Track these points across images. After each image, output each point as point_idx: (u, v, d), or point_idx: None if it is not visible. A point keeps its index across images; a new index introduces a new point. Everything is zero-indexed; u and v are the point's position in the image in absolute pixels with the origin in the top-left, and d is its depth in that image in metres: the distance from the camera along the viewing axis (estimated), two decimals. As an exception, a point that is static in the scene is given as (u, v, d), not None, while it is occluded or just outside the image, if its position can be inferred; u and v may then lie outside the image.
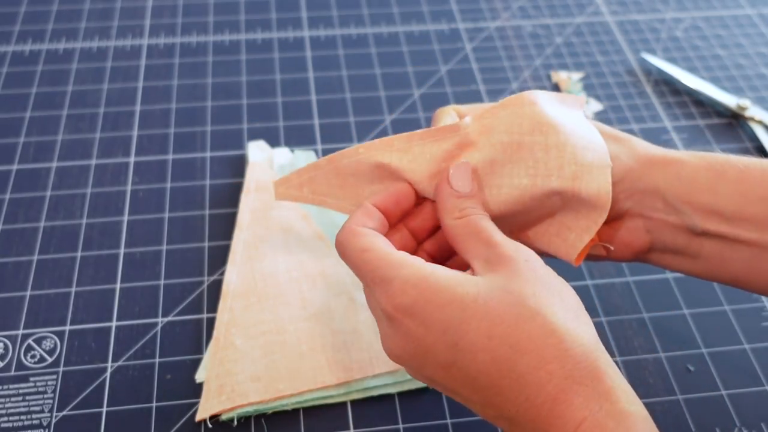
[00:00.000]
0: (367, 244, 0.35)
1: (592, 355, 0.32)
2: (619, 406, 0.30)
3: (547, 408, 0.31)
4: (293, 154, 0.59)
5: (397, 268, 0.34)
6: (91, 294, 0.50)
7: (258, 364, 0.45)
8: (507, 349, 0.31)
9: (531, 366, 0.31)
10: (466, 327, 0.32)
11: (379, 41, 0.71)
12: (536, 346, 0.31)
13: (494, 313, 0.32)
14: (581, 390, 0.31)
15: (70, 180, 0.57)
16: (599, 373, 0.31)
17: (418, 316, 0.33)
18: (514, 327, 0.32)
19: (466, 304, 0.32)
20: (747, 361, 0.48)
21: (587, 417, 0.30)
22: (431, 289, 0.33)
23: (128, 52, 0.69)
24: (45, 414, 0.44)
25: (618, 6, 0.77)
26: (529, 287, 0.33)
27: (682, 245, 0.39)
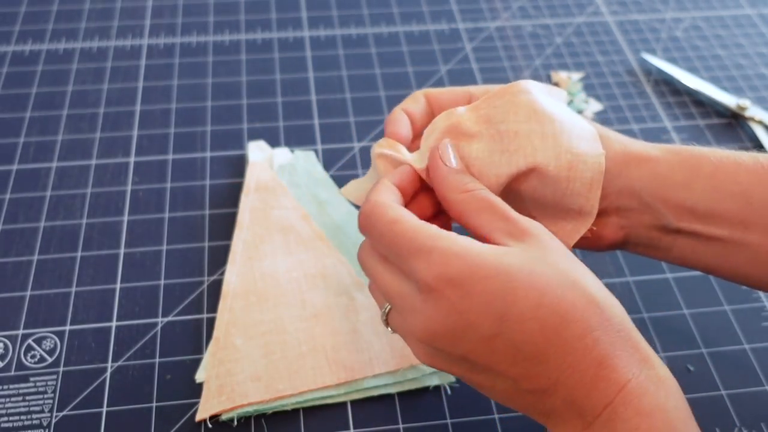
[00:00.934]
0: (397, 215, 0.35)
1: (628, 325, 0.33)
2: (657, 371, 0.32)
3: (592, 372, 0.32)
4: (293, 154, 0.59)
5: (435, 239, 0.33)
6: (91, 294, 0.50)
7: (258, 364, 0.45)
8: (555, 317, 0.32)
9: (578, 333, 0.32)
10: (512, 297, 0.32)
11: (379, 41, 0.71)
12: (582, 314, 0.32)
13: (541, 283, 0.32)
14: (624, 355, 0.32)
15: (70, 180, 0.57)
16: (635, 342, 0.33)
17: (463, 287, 0.32)
18: (561, 297, 0.32)
19: (512, 274, 0.32)
20: (747, 361, 0.48)
21: (630, 379, 0.31)
22: (476, 260, 0.32)
23: (128, 52, 0.69)
24: (45, 414, 0.44)
25: (618, 6, 0.77)
26: (563, 260, 0.34)
27: (655, 240, 0.40)
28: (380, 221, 0.35)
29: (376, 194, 0.36)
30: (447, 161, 0.37)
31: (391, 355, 0.46)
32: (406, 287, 0.34)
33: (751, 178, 0.37)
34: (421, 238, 0.33)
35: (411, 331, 0.34)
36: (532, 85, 0.39)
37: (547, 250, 0.34)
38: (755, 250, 0.37)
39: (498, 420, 0.44)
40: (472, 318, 0.32)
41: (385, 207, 0.35)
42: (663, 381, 0.32)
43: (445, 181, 0.37)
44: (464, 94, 0.42)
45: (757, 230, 0.37)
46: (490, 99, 0.39)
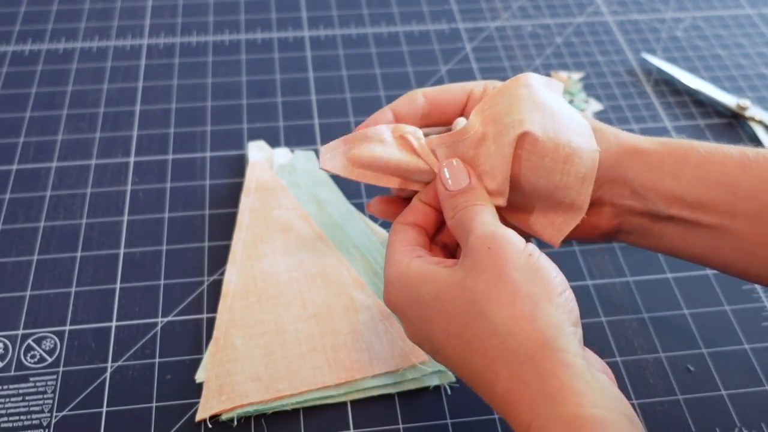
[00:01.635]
0: (390, 239, 0.39)
1: (538, 355, 0.30)
2: (566, 408, 0.29)
3: (501, 408, 0.32)
4: (293, 154, 0.59)
5: (389, 269, 0.37)
6: (91, 294, 0.50)
7: (258, 364, 0.45)
8: (462, 347, 0.33)
9: (480, 365, 0.32)
10: (430, 324, 0.35)
11: (379, 41, 0.71)
12: (482, 345, 0.32)
13: (450, 311, 0.33)
14: (527, 391, 0.30)
15: (70, 180, 0.57)
16: (546, 374, 0.30)
17: (401, 313, 0.37)
18: (464, 326, 0.33)
19: (427, 303, 0.35)
20: (747, 361, 0.48)
21: (533, 420, 0.30)
22: (404, 287, 0.36)
23: (128, 52, 0.69)
24: (45, 414, 0.44)
25: (618, 6, 0.77)
26: (482, 282, 0.33)
27: (646, 228, 0.41)
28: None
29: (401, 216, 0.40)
30: (447, 184, 0.38)
31: (391, 355, 0.46)
32: None
33: (737, 169, 0.38)
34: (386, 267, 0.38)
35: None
36: (533, 78, 0.39)
37: (472, 269, 0.34)
38: (741, 239, 0.38)
39: (498, 420, 0.44)
40: (415, 337, 0.37)
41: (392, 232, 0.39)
42: (573, 420, 0.29)
43: (443, 205, 0.39)
44: (462, 92, 0.42)
45: (743, 219, 0.38)
46: (492, 97, 0.39)
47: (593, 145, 0.38)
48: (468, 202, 0.37)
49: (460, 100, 0.42)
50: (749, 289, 0.52)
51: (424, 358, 0.46)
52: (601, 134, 0.40)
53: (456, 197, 0.38)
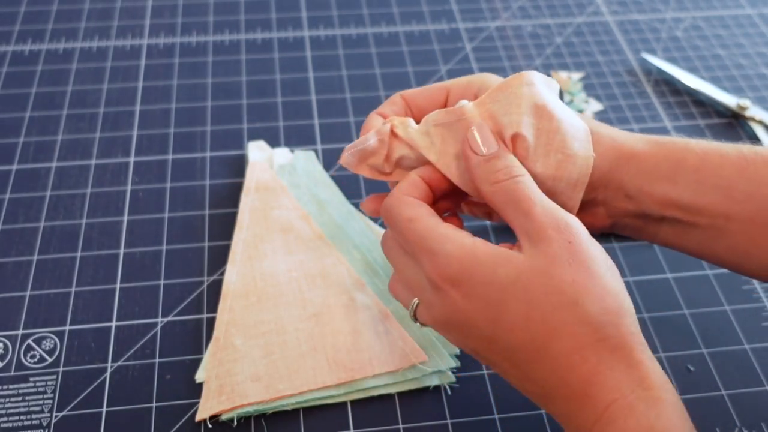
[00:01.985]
0: (413, 213, 0.36)
1: (628, 344, 0.33)
2: (652, 392, 0.32)
3: (580, 387, 0.32)
4: (293, 154, 0.59)
5: (442, 242, 0.35)
6: (91, 294, 0.50)
7: (258, 364, 0.45)
8: (544, 333, 0.33)
9: (566, 349, 0.33)
10: (505, 307, 0.33)
11: (379, 41, 0.71)
12: (572, 332, 0.33)
13: (532, 296, 0.33)
14: (615, 375, 0.32)
15: (70, 180, 0.57)
16: (634, 361, 0.32)
17: (463, 288, 0.34)
18: (551, 313, 0.33)
19: (505, 286, 0.33)
20: (747, 361, 0.48)
21: (617, 399, 0.31)
22: (474, 265, 0.34)
23: (128, 52, 0.69)
24: (45, 414, 0.44)
25: (618, 6, 0.77)
26: (569, 274, 0.33)
27: (640, 227, 0.41)
28: (398, 217, 0.37)
29: (400, 188, 0.38)
30: (476, 149, 0.37)
31: (391, 355, 0.46)
32: (422, 280, 0.37)
33: (734, 172, 0.38)
34: (429, 239, 0.35)
35: (432, 320, 0.37)
36: (535, 77, 0.39)
37: (555, 259, 0.33)
38: (736, 239, 0.38)
39: (498, 420, 0.44)
40: (472, 317, 0.35)
41: (403, 203, 0.37)
42: (657, 401, 0.32)
43: (475, 172, 0.37)
44: (440, 92, 0.42)
45: (737, 221, 0.38)
46: (493, 93, 0.38)
47: (589, 151, 0.38)
48: (510, 172, 0.36)
49: (438, 100, 0.42)
50: (749, 289, 0.52)
51: (424, 357, 0.46)
52: (598, 137, 0.39)
53: (492, 162, 0.36)
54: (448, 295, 0.35)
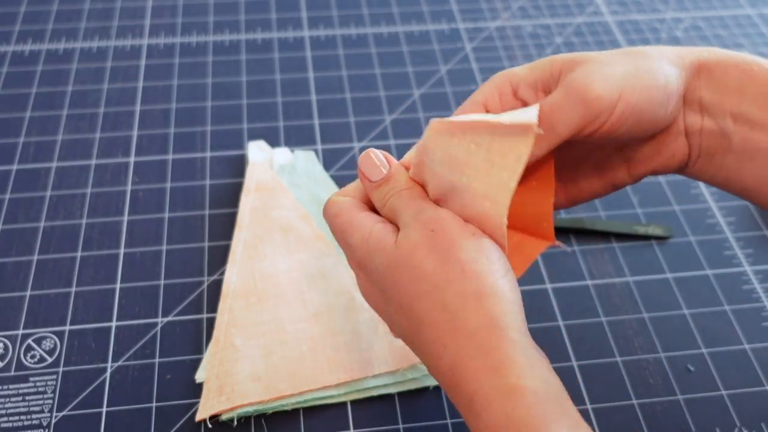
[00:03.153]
0: (337, 210, 0.38)
1: (484, 331, 0.32)
2: (507, 380, 0.31)
3: (449, 378, 0.33)
4: (293, 154, 0.59)
5: (352, 233, 0.37)
6: (91, 294, 0.50)
7: (258, 364, 0.45)
8: (412, 319, 0.34)
9: (430, 337, 0.33)
10: (387, 293, 0.35)
11: (379, 41, 0.71)
12: (433, 319, 0.33)
13: (401, 285, 0.34)
14: (472, 364, 0.32)
15: (70, 180, 0.57)
16: (490, 349, 0.32)
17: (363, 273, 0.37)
18: (416, 301, 0.34)
19: (383, 274, 0.35)
20: (747, 361, 0.48)
21: (476, 391, 0.31)
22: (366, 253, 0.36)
23: (128, 52, 0.69)
24: (45, 414, 0.44)
25: (618, 6, 0.77)
26: (430, 262, 0.34)
27: (712, 151, 0.39)
28: (326, 216, 0.39)
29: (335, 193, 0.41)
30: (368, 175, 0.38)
31: (391, 355, 0.46)
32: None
33: None
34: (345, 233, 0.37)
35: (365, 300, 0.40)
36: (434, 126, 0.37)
37: (417, 247, 0.34)
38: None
39: (498, 420, 0.44)
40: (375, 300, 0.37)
41: (330, 204, 0.39)
42: (514, 390, 0.30)
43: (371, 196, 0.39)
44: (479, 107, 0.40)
45: None
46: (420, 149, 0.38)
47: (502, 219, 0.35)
48: (393, 190, 0.38)
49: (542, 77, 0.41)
50: (749, 289, 0.52)
51: (424, 358, 0.46)
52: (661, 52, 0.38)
53: (380, 187, 0.38)
54: (360, 279, 0.38)
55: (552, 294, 0.51)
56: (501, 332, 0.32)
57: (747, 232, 0.56)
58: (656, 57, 0.39)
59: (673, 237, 0.55)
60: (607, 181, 0.42)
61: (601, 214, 0.56)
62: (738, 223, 0.56)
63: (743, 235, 0.55)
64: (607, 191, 0.43)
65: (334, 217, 0.38)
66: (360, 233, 0.37)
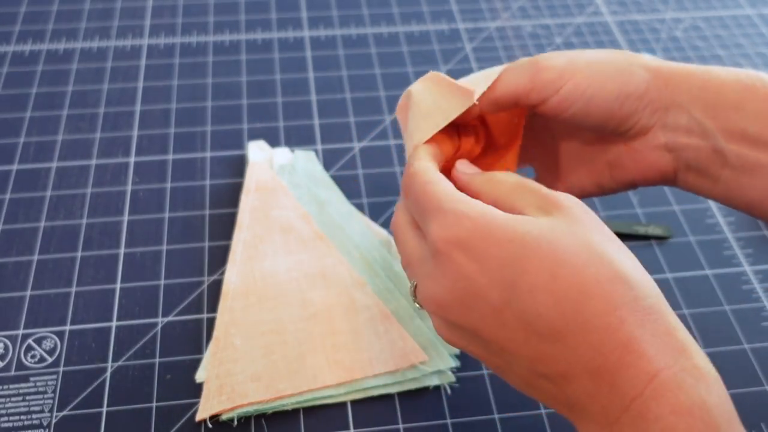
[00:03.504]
0: (433, 178, 0.34)
1: (663, 307, 0.30)
2: (695, 361, 0.28)
3: (616, 356, 0.28)
4: (293, 154, 0.59)
5: (455, 202, 0.32)
6: (91, 294, 0.50)
7: (258, 364, 0.45)
8: (573, 292, 0.29)
9: (599, 310, 0.29)
10: (526, 265, 0.30)
11: (379, 41, 0.71)
12: (605, 290, 0.29)
13: (560, 253, 0.30)
14: (655, 341, 0.28)
15: (70, 180, 0.57)
16: (671, 327, 0.29)
17: (473, 251, 0.31)
18: (581, 269, 0.29)
19: (527, 241, 0.30)
20: (747, 361, 0.48)
21: (662, 369, 0.28)
22: (490, 224, 0.31)
23: (128, 52, 0.69)
24: (45, 414, 0.44)
25: (618, 6, 0.77)
26: (596, 233, 0.31)
27: (703, 166, 0.38)
28: (417, 182, 0.35)
29: (419, 158, 0.36)
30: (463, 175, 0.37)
31: (391, 355, 0.46)
32: (424, 251, 0.34)
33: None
34: (443, 200, 0.33)
35: (426, 300, 0.33)
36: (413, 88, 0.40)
37: (577, 222, 0.31)
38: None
39: (498, 420, 0.45)
40: (481, 284, 0.31)
41: (424, 170, 0.35)
42: (704, 375, 0.28)
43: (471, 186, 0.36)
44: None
45: None
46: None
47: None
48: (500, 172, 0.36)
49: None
50: (749, 289, 0.52)
51: (424, 357, 0.46)
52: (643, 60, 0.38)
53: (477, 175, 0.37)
54: (452, 261, 0.31)
55: (552, 294, 0.51)
56: (672, 313, 0.30)
57: (747, 232, 0.56)
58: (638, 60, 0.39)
59: (673, 237, 0.55)
60: (593, 180, 0.43)
61: (601, 214, 0.56)
62: (738, 223, 0.56)
63: (743, 235, 0.55)
64: (596, 192, 0.43)
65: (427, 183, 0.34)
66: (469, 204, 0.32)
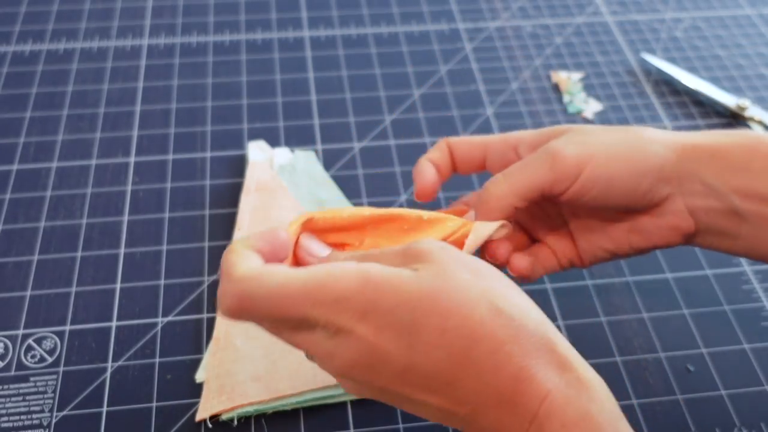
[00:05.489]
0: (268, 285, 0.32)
1: (542, 327, 0.32)
2: (576, 373, 0.31)
3: (511, 388, 0.30)
4: (293, 154, 0.59)
5: (336, 279, 0.31)
6: (91, 294, 0.50)
7: (258, 364, 0.45)
8: (462, 340, 0.31)
9: (488, 350, 0.30)
10: (418, 327, 0.31)
11: (379, 41, 0.71)
12: (489, 329, 0.31)
13: (443, 305, 0.31)
14: (541, 363, 0.30)
15: (70, 180, 0.57)
16: (552, 345, 0.31)
17: (371, 320, 0.31)
18: (464, 316, 0.31)
19: (414, 304, 0.31)
20: (747, 361, 0.48)
21: (551, 390, 0.30)
22: (375, 291, 0.31)
23: (128, 52, 0.69)
24: (45, 414, 0.44)
25: (618, 6, 0.77)
26: (464, 272, 0.32)
27: (722, 226, 0.40)
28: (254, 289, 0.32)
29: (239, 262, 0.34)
30: (316, 254, 0.38)
31: (391, 355, 0.46)
32: (317, 337, 0.32)
33: None
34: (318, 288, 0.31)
35: (335, 371, 0.33)
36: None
37: (450, 266, 0.32)
38: None
39: (498, 420, 0.44)
40: (383, 351, 0.31)
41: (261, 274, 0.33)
42: (584, 383, 0.30)
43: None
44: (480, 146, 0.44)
45: None
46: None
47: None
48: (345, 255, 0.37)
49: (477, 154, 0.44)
50: (749, 289, 0.52)
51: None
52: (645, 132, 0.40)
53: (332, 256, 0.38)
54: (354, 336, 0.31)
55: (552, 294, 0.51)
56: (551, 327, 0.32)
57: (747, 232, 0.56)
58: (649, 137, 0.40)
59: (673, 237, 0.55)
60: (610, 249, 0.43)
61: (601, 214, 0.56)
62: (738, 223, 0.56)
63: (743, 235, 0.55)
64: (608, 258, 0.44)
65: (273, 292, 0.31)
66: (351, 275, 0.31)
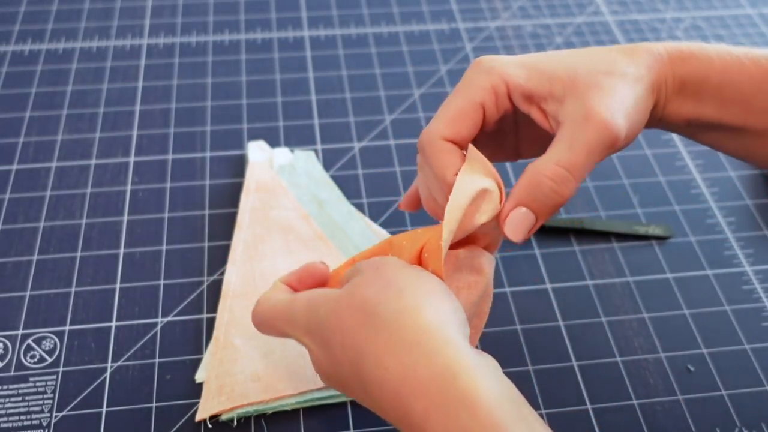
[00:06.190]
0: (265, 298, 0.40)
1: (425, 338, 0.32)
2: (458, 383, 0.30)
3: (394, 402, 0.31)
4: (293, 154, 0.59)
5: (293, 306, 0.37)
6: (91, 294, 0.50)
7: (258, 364, 0.45)
8: (355, 355, 0.33)
9: (372, 366, 0.32)
10: (330, 344, 0.35)
11: (379, 41, 0.71)
12: (375, 346, 0.32)
13: (344, 323, 0.34)
14: (417, 375, 0.31)
15: (70, 180, 0.57)
16: (433, 354, 0.31)
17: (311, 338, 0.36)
18: (356, 334, 0.33)
19: (325, 323, 0.35)
20: (747, 361, 0.48)
21: (428, 406, 0.30)
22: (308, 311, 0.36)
23: (128, 52, 0.69)
24: (45, 414, 0.44)
25: (618, 6, 0.77)
26: (371, 290, 0.34)
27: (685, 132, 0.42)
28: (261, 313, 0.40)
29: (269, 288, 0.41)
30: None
31: (391, 355, 0.46)
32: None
33: (752, 86, 0.39)
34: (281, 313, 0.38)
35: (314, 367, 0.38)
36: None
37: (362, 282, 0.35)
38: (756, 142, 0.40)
39: (498, 420, 0.44)
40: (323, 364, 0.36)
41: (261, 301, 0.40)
42: (466, 394, 0.30)
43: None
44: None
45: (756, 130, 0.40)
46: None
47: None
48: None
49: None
50: (749, 289, 0.52)
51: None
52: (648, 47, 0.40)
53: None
54: (308, 348, 0.37)
55: (552, 294, 0.51)
56: (443, 338, 0.31)
57: (747, 232, 0.56)
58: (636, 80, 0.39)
59: (673, 237, 0.55)
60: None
61: (601, 214, 0.56)
62: (738, 223, 0.56)
63: (743, 235, 0.55)
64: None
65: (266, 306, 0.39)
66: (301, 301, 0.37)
